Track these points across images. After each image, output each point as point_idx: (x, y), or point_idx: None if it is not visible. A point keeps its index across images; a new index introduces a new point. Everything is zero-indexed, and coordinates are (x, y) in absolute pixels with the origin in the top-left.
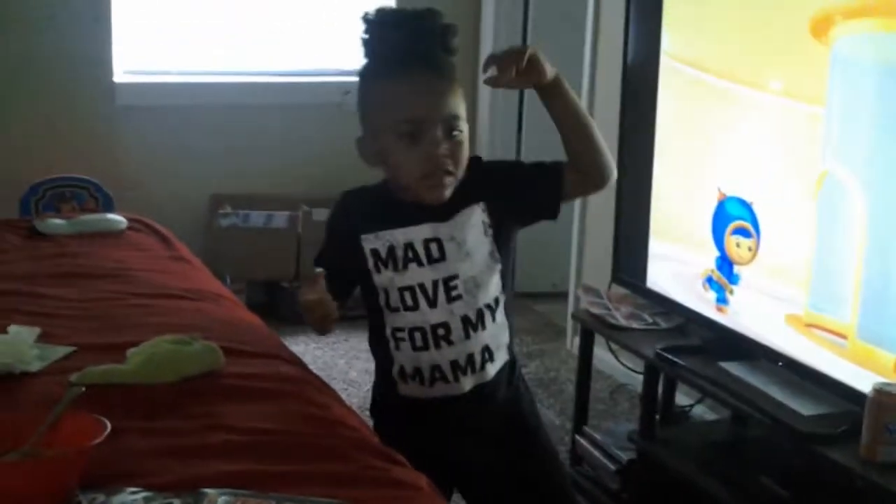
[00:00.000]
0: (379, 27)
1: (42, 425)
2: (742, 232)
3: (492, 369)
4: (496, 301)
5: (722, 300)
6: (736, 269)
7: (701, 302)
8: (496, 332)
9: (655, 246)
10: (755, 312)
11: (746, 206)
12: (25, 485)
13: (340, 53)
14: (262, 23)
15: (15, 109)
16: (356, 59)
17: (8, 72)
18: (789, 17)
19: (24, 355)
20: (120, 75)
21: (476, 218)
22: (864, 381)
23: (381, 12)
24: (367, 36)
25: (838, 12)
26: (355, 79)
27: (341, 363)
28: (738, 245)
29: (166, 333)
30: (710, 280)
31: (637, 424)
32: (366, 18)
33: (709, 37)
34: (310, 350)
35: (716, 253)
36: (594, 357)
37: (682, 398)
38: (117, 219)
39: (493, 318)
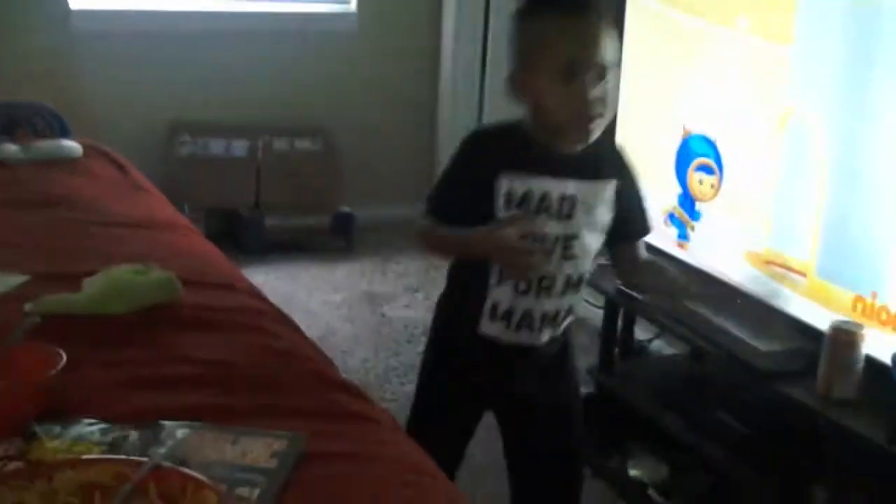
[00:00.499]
0: None
1: None
2: (705, 169)
3: (563, 326)
4: (590, 272)
5: (683, 236)
6: (697, 205)
7: (662, 238)
8: (579, 299)
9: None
10: (715, 249)
11: (710, 144)
12: None
13: None
14: None
15: None
16: None
17: None
18: None
19: None
20: (77, 2)
21: (609, 192)
22: (822, 319)
23: None
24: None
25: None
26: (317, 8)
27: (301, 294)
28: (700, 182)
29: (123, 263)
30: (671, 216)
31: (597, 359)
32: None
33: None
34: (269, 281)
35: (678, 190)
36: None
37: (641, 333)
38: (73, 145)
39: (583, 285)
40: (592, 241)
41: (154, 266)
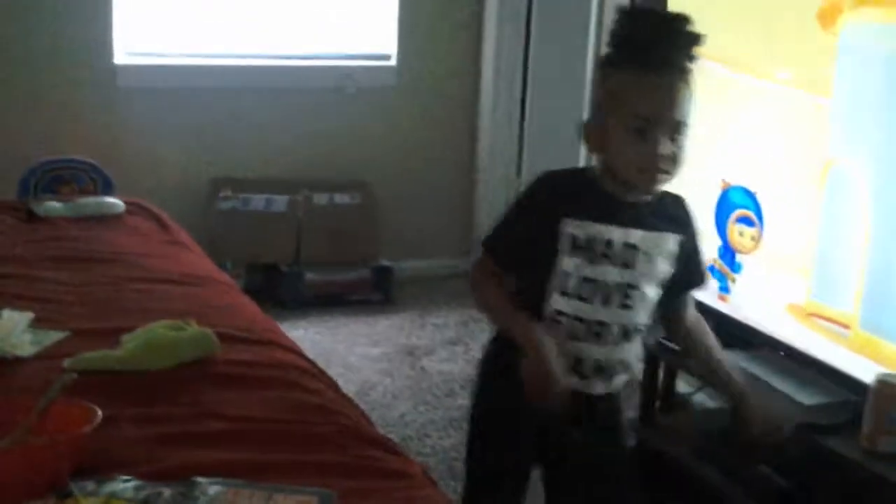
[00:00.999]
0: (635, 22)
1: (33, 412)
2: (745, 221)
3: (619, 382)
4: (647, 327)
5: (724, 289)
6: (738, 257)
7: (703, 291)
8: (636, 354)
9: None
10: (757, 301)
11: (750, 196)
12: (15, 472)
13: (339, 37)
14: (262, 5)
15: (16, 91)
16: (354, 43)
17: (9, 53)
18: (797, 5)
19: (17, 340)
20: (121, 57)
21: (671, 245)
22: (866, 371)
23: (639, 9)
24: (619, 27)
25: (846, 1)
26: (357, 62)
27: (340, 348)
28: (741, 234)
29: (161, 319)
30: (712, 269)
31: (637, 412)
32: (622, 11)
33: (714, 25)
34: (309, 335)
35: (718, 242)
36: None
37: (683, 386)
38: (115, 202)
39: (639, 340)
40: (650, 291)
41: (192, 322)
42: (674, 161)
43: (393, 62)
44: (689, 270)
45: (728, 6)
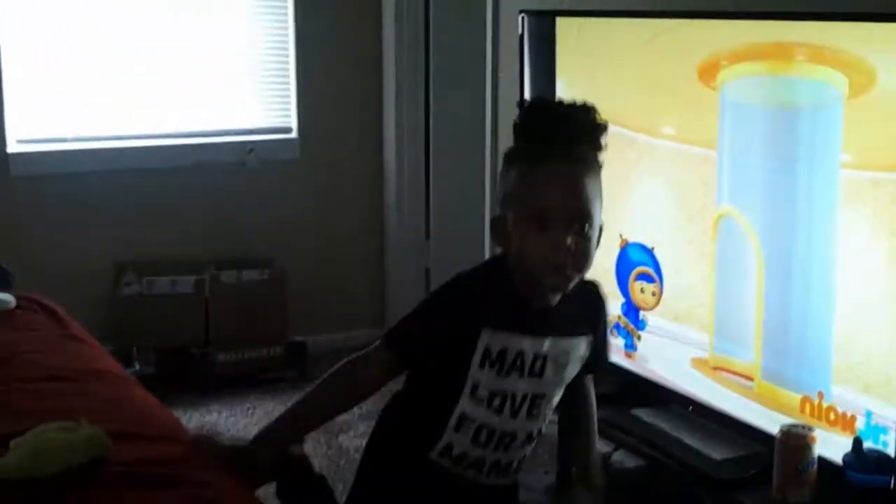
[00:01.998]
0: (533, 114)
1: None
2: (645, 277)
3: (514, 475)
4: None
5: (630, 346)
6: (641, 314)
7: (610, 349)
8: (534, 446)
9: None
10: (663, 357)
11: (647, 252)
12: None
13: (240, 112)
14: (158, 84)
15: None
16: (255, 117)
17: None
18: (678, 64)
19: None
20: (13, 145)
21: (582, 349)
22: (772, 422)
23: (539, 100)
24: (520, 120)
25: (724, 57)
26: (257, 137)
27: (256, 429)
28: (642, 290)
29: (53, 420)
30: (617, 326)
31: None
32: (521, 103)
33: (602, 85)
34: (223, 418)
35: (621, 299)
36: None
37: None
38: (5, 298)
39: (540, 435)
40: (555, 397)
41: (83, 422)
42: (580, 254)
43: (294, 134)
44: (593, 358)
45: (617, 68)
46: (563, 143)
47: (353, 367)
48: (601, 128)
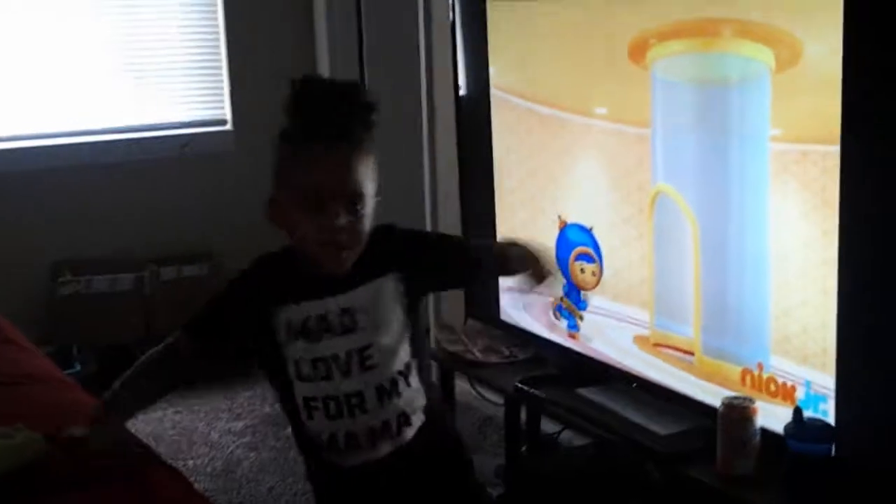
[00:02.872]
0: (302, 94)
1: None
2: (585, 258)
3: (409, 432)
4: (408, 367)
5: (573, 327)
6: (583, 294)
7: (554, 330)
8: (411, 397)
9: (505, 278)
10: (605, 336)
11: (586, 232)
12: None
13: (173, 106)
14: (88, 81)
15: None
16: (189, 111)
17: None
18: (609, 44)
19: None
20: None
21: (388, 287)
22: (715, 396)
23: (308, 80)
24: (289, 101)
25: (652, 35)
26: (192, 130)
27: (202, 426)
28: (582, 271)
29: None
30: (560, 308)
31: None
32: (292, 84)
33: (534, 68)
34: (168, 416)
35: (563, 280)
36: (460, 391)
37: (549, 424)
38: None
39: (408, 384)
40: (389, 340)
41: (21, 427)
42: (352, 233)
43: (229, 126)
44: (461, 263)
45: (545, 49)
46: (334, 123)
47: (161, 357)
48: (372, 106)
